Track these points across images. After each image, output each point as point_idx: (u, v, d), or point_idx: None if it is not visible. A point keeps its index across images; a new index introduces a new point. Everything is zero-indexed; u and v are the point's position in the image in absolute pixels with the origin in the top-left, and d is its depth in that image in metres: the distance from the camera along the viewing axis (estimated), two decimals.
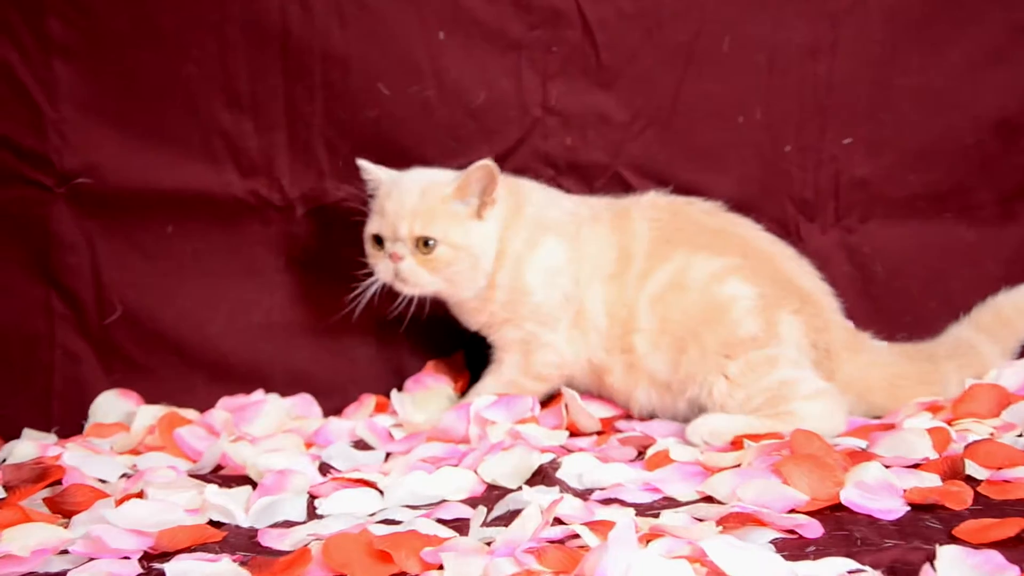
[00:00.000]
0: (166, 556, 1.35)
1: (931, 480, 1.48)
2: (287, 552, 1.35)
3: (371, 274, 1.84)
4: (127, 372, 1.99)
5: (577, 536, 1.32)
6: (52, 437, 1.89)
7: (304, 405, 1.98)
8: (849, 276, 2.05)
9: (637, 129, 2.04)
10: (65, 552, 1.37)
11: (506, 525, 1.35)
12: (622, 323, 1.84)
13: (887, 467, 1.49)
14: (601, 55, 2.01)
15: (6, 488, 1.55)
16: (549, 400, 1.90)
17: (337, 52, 1.97)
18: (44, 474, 1.58)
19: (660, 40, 2.01)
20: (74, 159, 1.96)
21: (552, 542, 1.32)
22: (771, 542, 1.33)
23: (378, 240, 1.82)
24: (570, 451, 1.70)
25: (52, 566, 1.34)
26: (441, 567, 1.27)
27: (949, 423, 1.69)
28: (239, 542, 1.42)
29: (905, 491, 1.43)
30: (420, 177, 1.85)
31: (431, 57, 1.98)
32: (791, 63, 2.01)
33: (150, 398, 1.94)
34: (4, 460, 1.74)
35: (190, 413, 1.91)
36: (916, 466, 1.53)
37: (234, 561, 1.31)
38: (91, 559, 1.35)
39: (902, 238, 2.04)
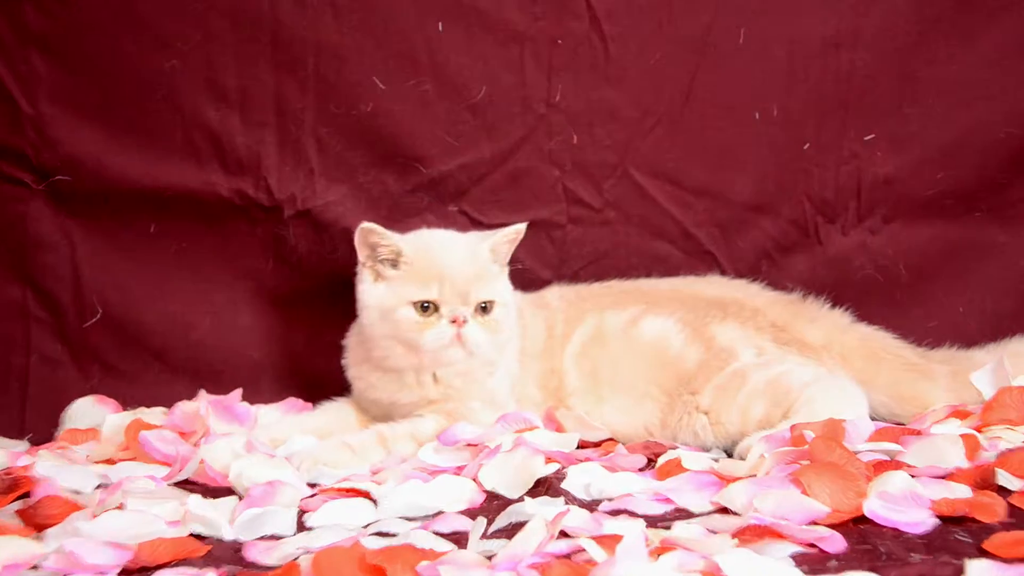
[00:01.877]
0: (146, 571, 1.35)
1: (960, 491, 1.47)
2: (275, 567, 1.34)
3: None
4: (105, 378, 2.01)
5: (583, 550, 1.31)
6: (24, 444, 1.88)
7: (292, 410, 1.98)
8: (871, 280, 2.05)
9: (647, 126, 2.05)
10: (36, 568, 1.36)
11: (508, 538, 1.35)
12: (554, 391, 1.88)
13: (912, 476, 1.48)
14: (609, 48, 2.02)
15: None
16: None
17: (330, 44, 1.99)
18: (14, 485, 1.58)
19: (672, 32, 2.03)
20: (52, 155, 1.98)
21: (557, 556, 1.31)
22: (790, 556, 1.32)
23: (424, 307, 1.80)
24: (577, 460, 1.69)
25: None
26: None
27: (979, 430, 1.68)
28: (224, 555, 1.41)
29: (933, 502, 1.43)
30: (458, 239, 1.88)
31: (429, 49, 2.00)
32: (811, 56, 2.03)
33: (129, 405, 1.94)
34: None
35: (155, 414, 1.90)
36: (944, 476, 1.53)
37: None
38: (66, 575, 1.34)
39: (928, 239, 2.05)
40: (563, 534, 1.37)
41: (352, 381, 1.90)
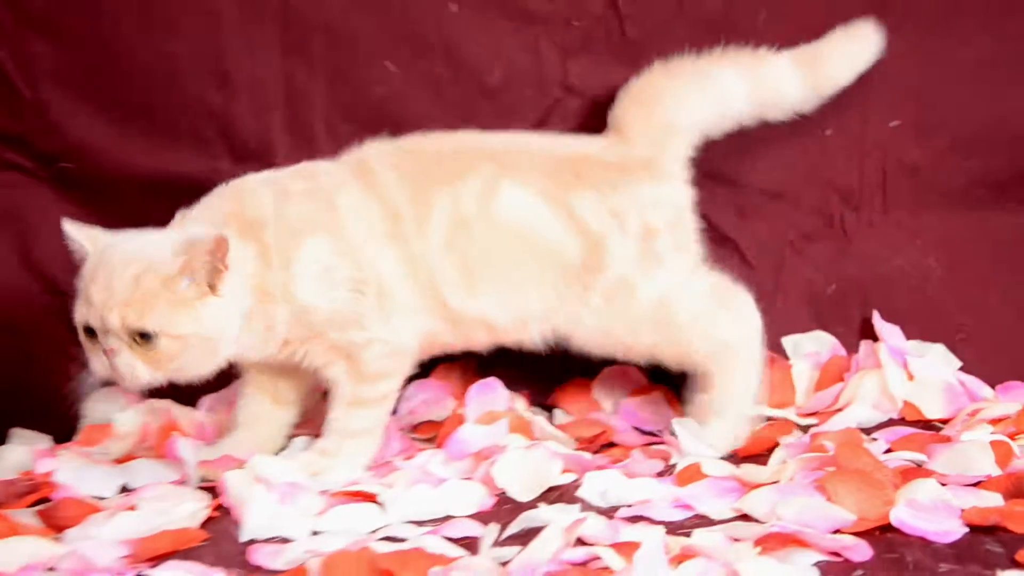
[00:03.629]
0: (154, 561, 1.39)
1: (992, 499, 1.47)
2: (281, 571, 1.36)
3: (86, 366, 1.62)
4: None
5: (599, 558, 1.32)
6: (45, 440, 1.86)
7: None
8: (901, 273, 2.02)
9: None
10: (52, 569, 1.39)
11: (521, 545, 1.35)
12: (425, 283, 1.73)
13: (943, 484, 1.48)
14: (626, 28, 2.00)
15: None
16: None
17: (340, 26, 1.97)
18: (34, 489, 1.62)
19: (691, 12, 1.99)
20: (54, 141, 1.98)
21: (574, 564, 1.32)
22: (814, 565, 1.32)
23: (88, 330, 1.58)
24: (595, 467, 1.67)
25: None
26: None
27: (1012, 437, 1.66)
28: (225, 552, 1.44)
29: (963, 511, 1.43)
30: (132, 254, 1.57)
31: (441, 31, 1.98)
32: None
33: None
34: None
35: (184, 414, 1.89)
36: (976, 484, 1.52)
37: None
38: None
39: (959, 231, 2.01)
40: (579, 541, 1.37)
41: None
